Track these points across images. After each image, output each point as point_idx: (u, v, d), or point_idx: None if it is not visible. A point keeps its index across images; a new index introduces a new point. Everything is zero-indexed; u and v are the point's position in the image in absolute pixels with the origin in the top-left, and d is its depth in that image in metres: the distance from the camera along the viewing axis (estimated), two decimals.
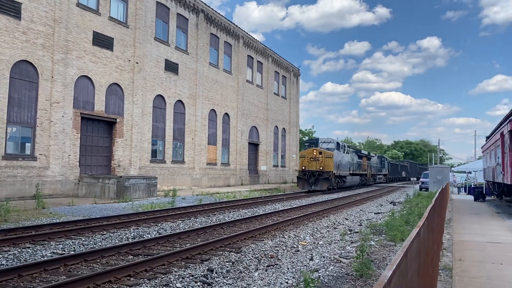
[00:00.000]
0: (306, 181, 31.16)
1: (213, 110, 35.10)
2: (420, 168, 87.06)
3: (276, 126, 47.64)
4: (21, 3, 19.66)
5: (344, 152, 35.53)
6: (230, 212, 16.95)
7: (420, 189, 37.08)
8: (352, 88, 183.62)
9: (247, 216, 15.07)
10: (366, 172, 45.04)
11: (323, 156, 31.64)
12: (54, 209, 15.54)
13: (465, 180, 43.03)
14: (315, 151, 31.73)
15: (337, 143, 34.05)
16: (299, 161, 32.82)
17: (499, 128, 20.01)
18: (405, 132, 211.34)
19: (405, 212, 15.99)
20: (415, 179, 71.95)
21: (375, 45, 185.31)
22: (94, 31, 23.47)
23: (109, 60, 24.44)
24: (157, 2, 28.60)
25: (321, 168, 31.08)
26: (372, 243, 10.18)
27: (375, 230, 12.31)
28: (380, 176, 54.42)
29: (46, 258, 7.82)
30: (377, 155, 55.90)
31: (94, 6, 23.69)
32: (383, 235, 11.38)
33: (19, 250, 8.60)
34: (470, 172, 42.72)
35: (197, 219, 14.30)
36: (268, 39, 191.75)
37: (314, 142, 33.99)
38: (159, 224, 12.78)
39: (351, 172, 37.79)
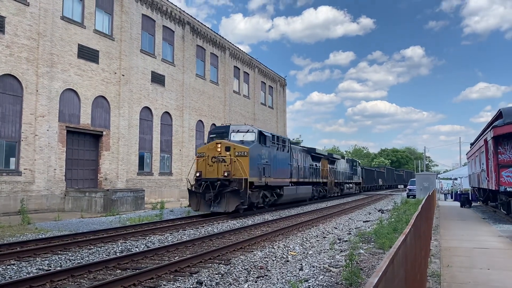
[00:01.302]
0: (201, 197, 18.62)
1: (200, 121, 35.07)
2: (397, 175, 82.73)
3: None
4: (5, 17, 19.51)
5: (277, 149, 22.88)
6: (219, 223, 16.85)
7: (408, 196, 37.36)
8: (338, 97, 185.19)
9: (236, 227, 15.00)
10: (326, 180, 34.01)
11: (232, 154, 18.96)
12: (39, 225, 15.28)
13: (451, 186, 43.53)
14: (219, 145, 19.16)
15: (260, 132, 20.80)
16: (195, 163, 20.16)
17: (483, 135, 20.35)
18: (392, 140, 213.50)
19: (393, 219, 16.09)
20: (402, 186, 69.24)
21: (360, 55, 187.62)
22: (79, 44, 23.36)
23: (94, 73, 24.31)
24: (142, 14, 28.63)
25: (225, 174, 18.55)
26: (361, 251, 10.21)
27: (364, 239, 12.35)
28: (350, 185, 43.78)
29: (32, 275, 7.67)
30: (346, 158, 45.58)
31: (79, 19, 23.62)
32: (372, 243, 11.42)
33: (4, 267, 8.43)
34: (456, 179, 43.24)
35: (186, 231, 14.19)
36: (254, 50, 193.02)
37: (222, 132, 20.88)
38: (147, 237, 12.65)
39: (296, 179, 26.22)
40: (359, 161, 56.34)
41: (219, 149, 19.14)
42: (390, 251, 2.70)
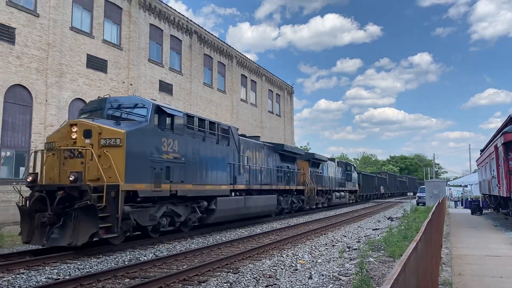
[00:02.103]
0: (33, 219, 10.97)
1: None
2: (400, 182, 76.78)
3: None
4: (15, 28, 19.79)
5: (204, 140, 15.52)
6: (227, 232, 16.80)
7: (417, 203, 37.03)
8: (345, 104, 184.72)
9: (244, 236, 14.94)
10: (304, 188, 26.46)
11: (95, 142, 11.30)
12: None
13: (462, 193, 43.09)
14: (75, 129, 11.53)
15: (159, 108, 13.12)
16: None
17: (493, 141, 20.15)
18: (400, 147, 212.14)
19: (403, 227, 15.93)
20: (411, 194, 60.05)
21: (367, 62, 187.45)
22: (88, 54, 23.61)
23: (103, 82, 24.52)
24: (150, 24, 28.90)
25: (72, 178, 10.66)
26: (371, 259, 10.11)
27: (374, 247, 12.23)
28: (342, 193, 36.24)
29: (41, 284, 7.68)
30: (337, 160, 38.15)
31: (87, 30, 23.89)
32: (382, 251, 11.30)
33: (14, 276, 8.45)
34: (466, 186, 42.80)
35: (194, 240, 14.16)
36: (261, 58, 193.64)
37: (95, 109, 12.99)
38: (156, 246, 12.63)
39: (245, 186, 18.65)
40: (354, 165, 47.56)
41: (74, 136, 11.44)
42: (402, 258, 2.66)
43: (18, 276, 8.46)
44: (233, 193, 17.62)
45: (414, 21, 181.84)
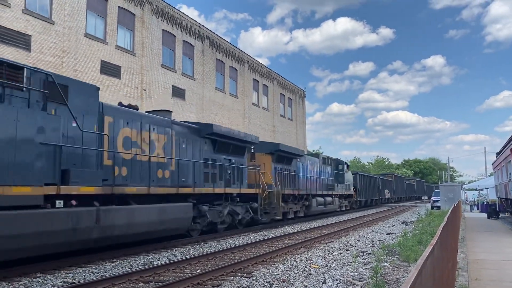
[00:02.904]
0: None
1: None
2: (408, 185, 68.67)
3: None
4: (31, 36, 20.14)
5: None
6: (240, 236, 16.80)
7: (432, 208, 36.59)
8: (358, 108, 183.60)
9: (257, 240, 14.93)
10: (255, 191, 18.58)
11: None
12: None
13: (477, 197, 42.46)
14: None
15: None
16: None
17: (509, 144, 19.84)
18: (414, 151, 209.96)
19: (417, 231, 15.76)
20: (427, 197, 52.54)
21: (380, 65, 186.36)
22: (101, 60, 23.91)
23: (117, 88, 24.79)
24: (163, 30, 29.16)
25: None
26: (386, 264, 10.01)
27: (388, 251, 12.11)
28: (329, 198, 28.29)
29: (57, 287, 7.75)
30: (322, 156, 29.79)
31: (101, 36, 24.20)
32: (396, 256, 11.19)
33: (30, 279, 8.56)
34: (481, 189, 42.17)
35: (207, 244, 14.19)
36: (273, 62, 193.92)
37: None
38: (169, 251, 12.68)
39: (142, 187, 12.12)
40: (348, 163, 37.92)
41: None
42: (418, 262, 2.64)
43: (34, 280, 8.56)
44: (57, 202, 9.43)
45: (427, 23, 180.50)
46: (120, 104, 13.13)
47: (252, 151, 19.77)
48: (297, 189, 23.46)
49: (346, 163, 34.35)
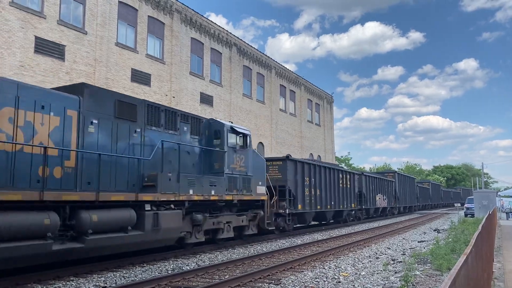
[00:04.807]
0: None
1: None
2: (421, 189, 51.78)
3: (311, 153, 47.36)
4: (65, 46, 20.83)
5: None
6: (267, 242, 16.76)
7: (465, 215, 35.52)
8: (388, 113, 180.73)
9: (285, 247, 14.85)
10: None
11: None
12: None
13: None
14: None
15: None
16: None
17: None
18: (446, 157, 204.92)
19: (450, 239, 15.32)
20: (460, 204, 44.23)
21: (410, 69, 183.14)
22: (132, 68, 24.47)
23: (147, 95, 25.28)
24: (192, 38, 29.61)
25: None
26: (417, 273, 9.77)
27: (420, 259, 11.82)
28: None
29: None
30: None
31: (132, 45, 24.78)
32: (428, 264, 10.91)
33: (64, 283, 8.79)
34: None
35: (235, 250, 14.22)
36: (300, 68, 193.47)
37: None
38: (198, 256, 12.78)
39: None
40: (248, 130, 16.18)
41: None
42: (451, 272, 2.57)
43: (67, 283, 8.79)
44: None
45: (458, 26, 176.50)
46: None
47: None
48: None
49: (245, 131, 15.54)
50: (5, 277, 8.37)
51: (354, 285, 8.64)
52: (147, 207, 10.84)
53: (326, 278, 9.54)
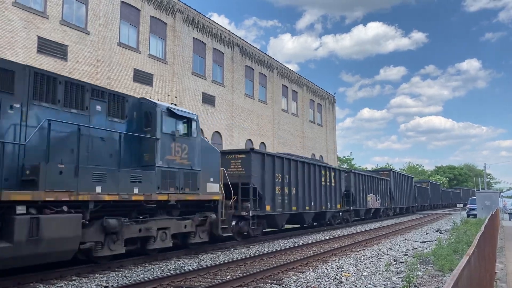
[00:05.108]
0: None
1: (249, 139, 35.40)
2: (419, 189, 49.65)
3: (313, 153, 47.33)
4: (68, 46, 20.87)
5: None
6: (269, 243, 16.76)
7: (468, 216, 35.43)
8: (390, 113, 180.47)
9: (287, 247, 14.85)
10: None
11: None
12: None
13: None
14: None
15: None
16: None
17: None
18: (448, 157, 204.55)
19: (452, 240, 15.29)
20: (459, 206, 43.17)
21: (412, 69, 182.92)
22: (134, 68, 24.50)
23: (149, 95, 25.28)
24: (194, 38, 29.63)
25: None
26: (419, 273, 9.76)
27: (422, 260, 11.80)
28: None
29: None
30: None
31: (134, 45, 24.82)
32: (431, 265, 10.89)
33: (66, 282, 8.80)
34: None
35: (237, 250, 14.22)
36: (302, 68, 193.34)
37: None
38: (200, 256, 12.79)
39: None
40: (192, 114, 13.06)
41: None
42: (454, 272, 2.56)
43: (70, 283, 8.81)
44: None
45: (461, 26, 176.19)
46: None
47: None
48: None
49: (185, 112, 12.84)
50: (5, 276, 8.40)
51: (356, 286, 8.63)
52: (21, 210, 7.90)
53: (328, 278, 9.54)
